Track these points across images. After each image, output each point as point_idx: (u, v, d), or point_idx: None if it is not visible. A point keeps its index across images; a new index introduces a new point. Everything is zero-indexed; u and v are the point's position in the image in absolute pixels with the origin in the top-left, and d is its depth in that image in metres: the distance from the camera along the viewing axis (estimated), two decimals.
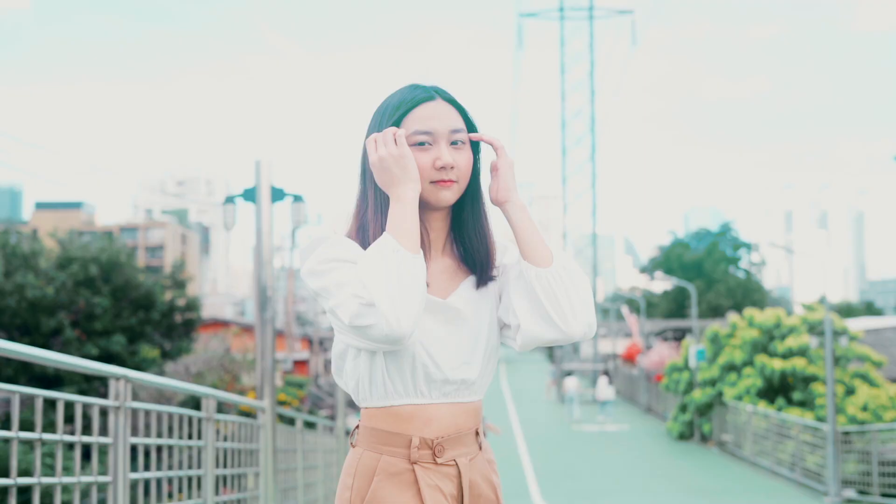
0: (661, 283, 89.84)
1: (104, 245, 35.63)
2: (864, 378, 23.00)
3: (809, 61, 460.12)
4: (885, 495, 16.17)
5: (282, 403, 24.13)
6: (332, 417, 21.47)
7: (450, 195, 2.13)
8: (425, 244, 2.16)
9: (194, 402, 24.12)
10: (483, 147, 2.24)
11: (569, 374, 41.15)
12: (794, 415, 21.38)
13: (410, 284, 1.97)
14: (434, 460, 2.12)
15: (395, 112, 2.14)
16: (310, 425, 11.22)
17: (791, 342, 23.26)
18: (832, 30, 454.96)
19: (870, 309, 79.77)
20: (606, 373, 34.97)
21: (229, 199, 8.51)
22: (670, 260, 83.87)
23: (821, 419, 21.24)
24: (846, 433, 18.18)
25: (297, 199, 8.58)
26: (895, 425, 17.70)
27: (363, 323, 1.95)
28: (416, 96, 2.14)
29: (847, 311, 71.93)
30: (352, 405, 24.06)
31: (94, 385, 29.30)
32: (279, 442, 8.69)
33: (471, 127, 2.18)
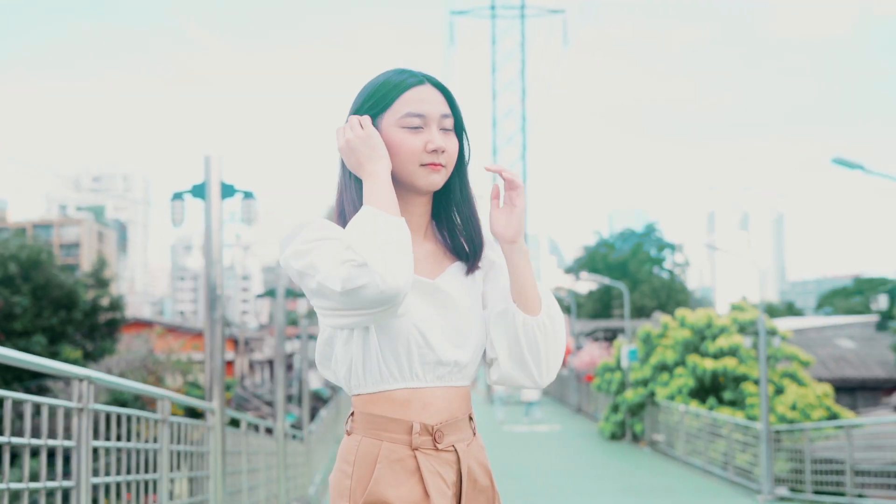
0: (586, 284, 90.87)
1: (22, 242, 34.67)
2: (793, 377, 23.46)
3: (732, 65, 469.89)
4: (817, 492, 16.44)
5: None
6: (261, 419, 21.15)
7: (439, 179, 2.13)
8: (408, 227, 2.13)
9: (119, 405, 23.61)
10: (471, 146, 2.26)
11: None
12: (725, 414, 21.68)
13: (398, 241, 1.95)
14: (435, 446, 2.09)
15: (386, 94, 2.12)
16: (254, 427, 10.99)
17: (722, 342, 23.61)
18: (753, 35, 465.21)
19: (790, 309, 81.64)
20: None
21: (177, 196, 8.27)
22: (595, 260, 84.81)
23: (751, 418, 21.58)
24: (777, 432, 18.48)
25: (248, 195, 8.38)
26: (825, 424, 18.04)
27: (357, 284, 1.89)
28: (407, 80, 2.13)
29: (769, 311, 73.44)
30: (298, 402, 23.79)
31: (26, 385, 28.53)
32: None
33: (456, 114, 2.17)
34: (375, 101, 2.13)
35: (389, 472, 2.05)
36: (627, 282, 61.05)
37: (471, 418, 2.21)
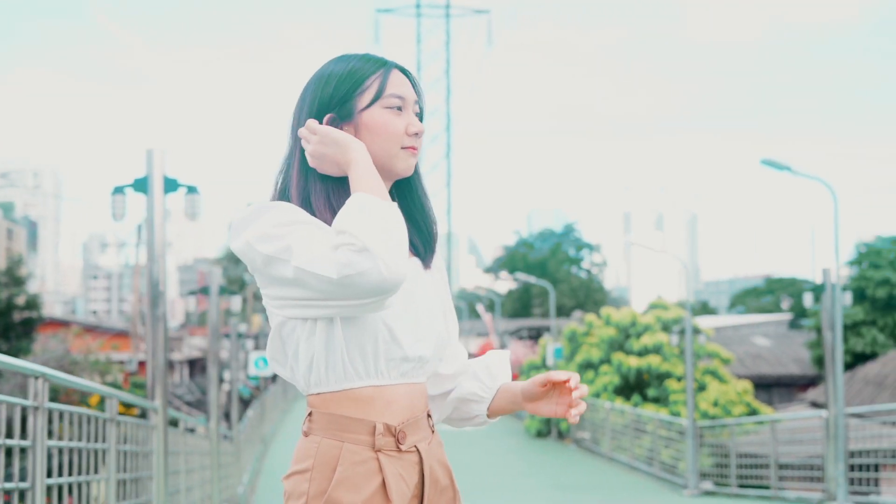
0: (506, 283, 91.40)
1: None
2: (714, 375, 23.94)
3: (649, 66, 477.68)
4: (742, 486, 16.80)
5: (129, 406, 23.30)
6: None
7: (413, 163, 2.08)
8: None
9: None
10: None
11: None
12: (649, 410, 22.02)
13: (397, 226, 1.87)
14: (398, 447, 2.00)
15: (367, 75, 2.04)
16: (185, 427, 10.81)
17: (646, 340, 23.99)
18: (669, 38, 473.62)
19: (705, 308, 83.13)
20: None
21: (118, 190, 8.07)
22: (515, 260, 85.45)
23: (675, 414, 21.97)
24: (701, 427, 18.83)
25: (192, 190, 8.21)
26: (749, 419, 18.45)
27: (357, 269, 1.79)
28: (385, 63, 2.07)
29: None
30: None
31: None
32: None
33: (421, 102, 2.15)
34: (356, 80, 2.04)
35: (350, 476, 1.94)
36: (546, 281, 61.61)
37: (429, 415, 2.13)
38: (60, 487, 5.12)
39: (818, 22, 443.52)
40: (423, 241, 2.15)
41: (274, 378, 39.27)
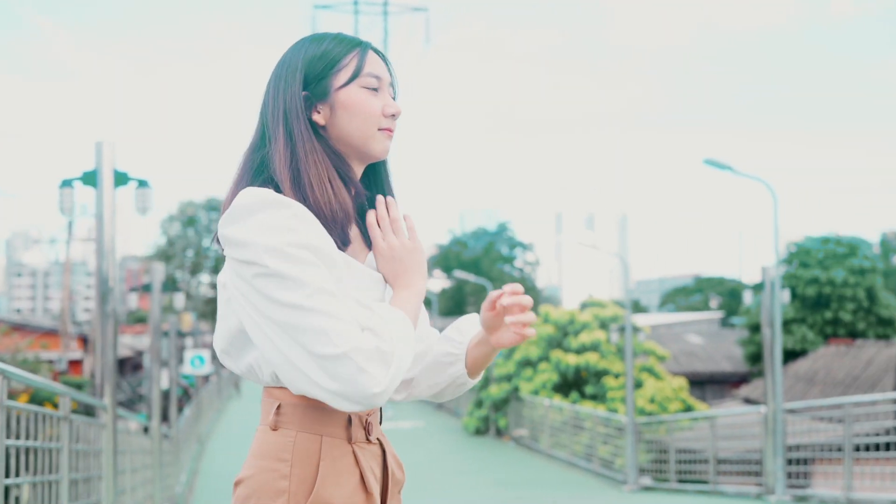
0: (439, 282, 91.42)
1: None
2: (650, 372, 24.25)
3: (581, 67, 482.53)
4: (681, 481, 17.03)
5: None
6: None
7: (389, 146, 2.00)
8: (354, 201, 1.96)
9: None
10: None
11: None
12: (587, 407, 22.23)
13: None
14: (367, 439, 1.93)
15: (345, 52, 1.95)
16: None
17: (584, 338, 24.19)
18: (602, 40, 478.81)
19: (637, 307, 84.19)
20: None
21: (66, 183, 7.89)
22: (449, 258, 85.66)
23: (612, 411, 22.21)
24: (640, 423, 19.05)
25: (143, 183, 8.05)
26: (687, 415, 18.70)
27: (367, 367, 1.70)
28: (362, 43, 1.99)
29: (620, 308, 75.70)
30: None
31: None
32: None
33: (395, 85, 2.05)
34: (333, 58, 1.94)
35: (333, 471, 1.86)
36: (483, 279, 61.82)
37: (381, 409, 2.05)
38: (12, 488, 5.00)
39: (748, 28, 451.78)
40: None
41: (206, 378, 38.80)
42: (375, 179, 2.08)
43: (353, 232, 2.00)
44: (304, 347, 1.71)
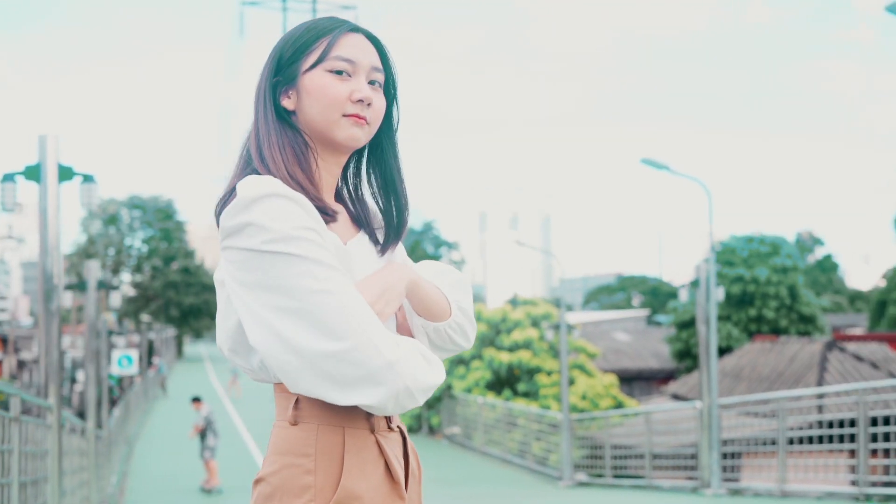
0: None
1: None
2: (582, 369, 24.49)
3: (503, 69, 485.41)
4: (617, 476, 17.23)
5: None
6: None
7: (360, 134, 1.89)
8: (318, 184, 1.90)
9: None
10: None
11: None
12: (520, 405, 22.36)
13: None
14: (389, 427, 1.88)
15: (315, 36, 1.89)
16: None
17: (517, 336, 24.34)
18: (523, 41, 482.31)
19: (559, 305, 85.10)
20: None
21: (8, 177, 7.65)
22: None
23: (545, 408, 22.38)
24: (572, 420, 19.23)
25: (88, 178, 7.86)
26: (622, 411, 18.93)
27: (428, 357, 1.75)
28: (340, 24, 1.91)
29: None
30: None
31: None
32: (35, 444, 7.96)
33: (389, 72, 1.97)
34: (304, 42, 1.88)
35: (358, 462, 1.81)
36: None
37: None
38: None
39: (668, 34, 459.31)
40: (388, 222, 2.01)
41: (131, 379, 38.13)
42: (381, 164, 2.02)
43: (342, 215, 1.97)
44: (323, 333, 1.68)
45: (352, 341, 1.66)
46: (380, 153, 2.02)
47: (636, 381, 36.29)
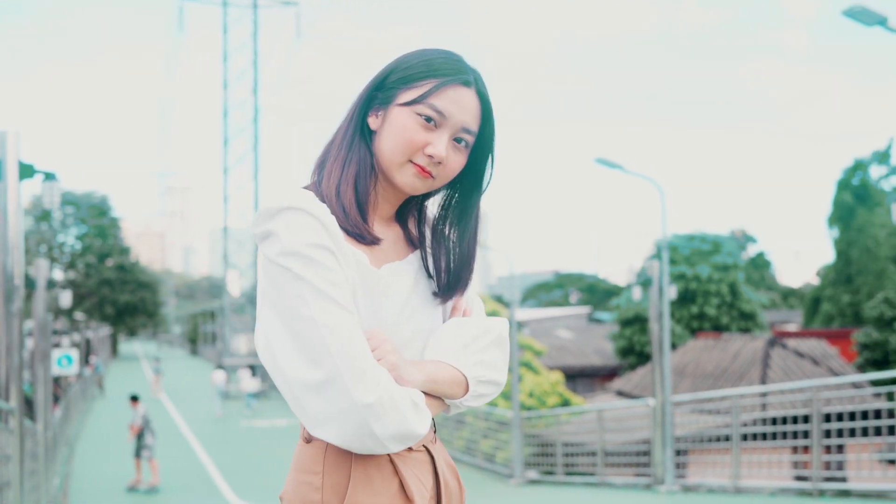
0: None
1: None
2: (528, 366, 24.61)
3: None
4: (569, 473, 17.32)
5: None
6: None
7: (420, 186, 1.86)
8: (366, 208, 1.87)
9: None
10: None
11: (219, 367, 40.94)
12: None
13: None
14: (408, 447, 1.85)
15: (425, 73, 1.85)
16: None
17: None
18: (459, 40, 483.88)
19: (500, 302, 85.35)
20: (251, 367, 36.76)
21: None
22: None
23: (492, 405, 22.42)
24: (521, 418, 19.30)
25: (50, 176, 7.64)
26: (574, 409, 19.03)
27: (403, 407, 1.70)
28: (457, 77, 1.85)
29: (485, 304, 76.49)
30: None
31: None
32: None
33: (485, 134, 1.91)
34: (412, 75, 1.85)
35: (365, 479, 1.79)
36: None
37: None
38: None
39: (607, 34, 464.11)
40: (447, 270, 1.96)
41: (67, 379, 37.39)
42: (462, 219, 1.97)
43: (389, 233, 1.93)
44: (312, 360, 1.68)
45: (324, 376, 1.66)
46: (464, 205, 1.97)
47: (579, 377, 36.58)
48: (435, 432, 1.98)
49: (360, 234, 1.83)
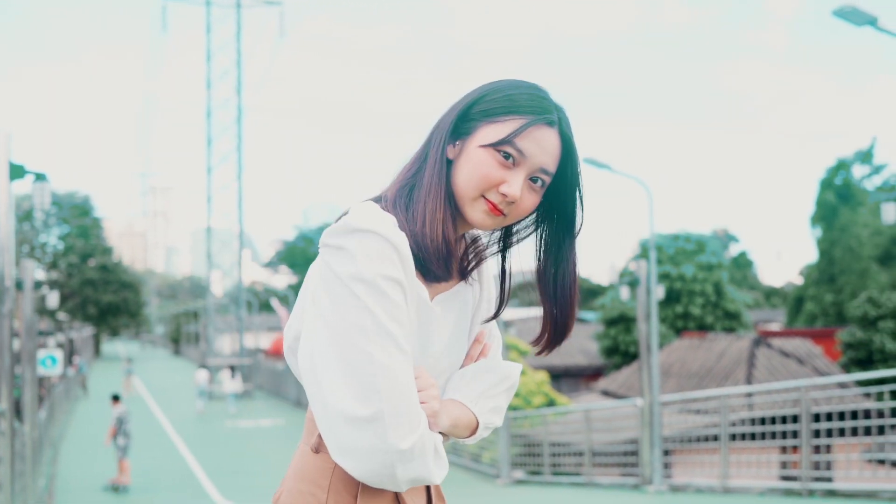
0: (284, 278, 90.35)
1: None
2: None
3: (425, 65, 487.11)
4: (556, 473, 17.33)
5: None
6: None
7: (489, 223, 1.83)
8: (453, 247, 1.83)
9: None
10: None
11: (202, 367, 40.84)
12: None
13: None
14: None
15: (512, 109, 1.81)
16: None
17: None
18: (444, 38, 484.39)
19: None
20: (232, 367, 37.04)
21: None
22: (294, 254, 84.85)
23: None
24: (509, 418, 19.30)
25: (41, 177, 7.58)
26: (559, 410, 19.03)
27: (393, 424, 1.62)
28: (543, 117, 1.81)
29: None
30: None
31: None
32: None
33: (566, 174, 1.86)
34: (496, 109, 1.81)
35: (370, 501, 1.79)
36: None
37: None
38: None
39: (588, 33, 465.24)
40: (496, 302, 2.00)
41: (49, 380, 37.16)
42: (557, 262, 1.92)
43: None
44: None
45: (368, 415, 1.62)
46: (558, 250, 1.92)
47: (564, 377, 36.61)
48: None
49: (440, 273, 1.80)
